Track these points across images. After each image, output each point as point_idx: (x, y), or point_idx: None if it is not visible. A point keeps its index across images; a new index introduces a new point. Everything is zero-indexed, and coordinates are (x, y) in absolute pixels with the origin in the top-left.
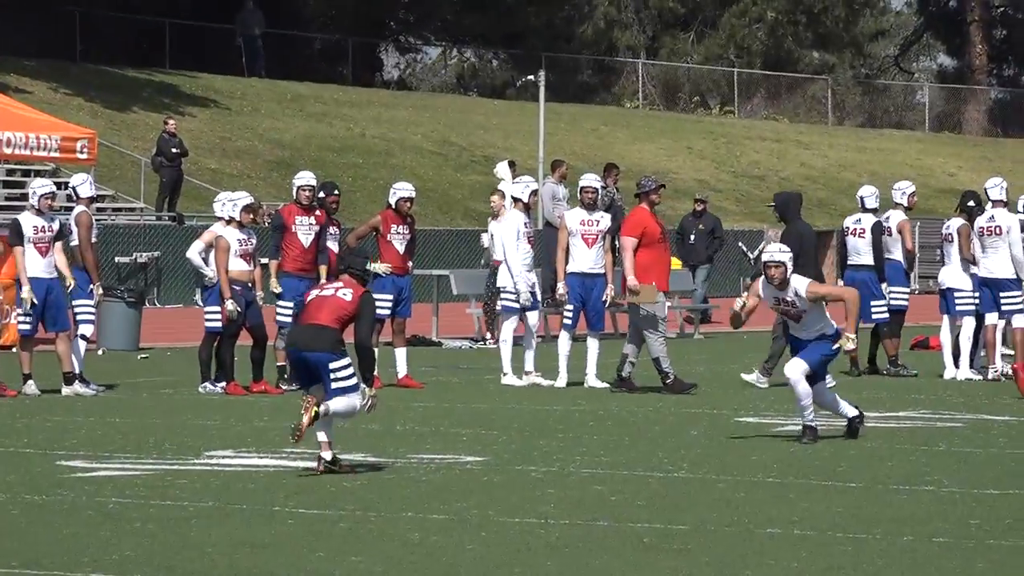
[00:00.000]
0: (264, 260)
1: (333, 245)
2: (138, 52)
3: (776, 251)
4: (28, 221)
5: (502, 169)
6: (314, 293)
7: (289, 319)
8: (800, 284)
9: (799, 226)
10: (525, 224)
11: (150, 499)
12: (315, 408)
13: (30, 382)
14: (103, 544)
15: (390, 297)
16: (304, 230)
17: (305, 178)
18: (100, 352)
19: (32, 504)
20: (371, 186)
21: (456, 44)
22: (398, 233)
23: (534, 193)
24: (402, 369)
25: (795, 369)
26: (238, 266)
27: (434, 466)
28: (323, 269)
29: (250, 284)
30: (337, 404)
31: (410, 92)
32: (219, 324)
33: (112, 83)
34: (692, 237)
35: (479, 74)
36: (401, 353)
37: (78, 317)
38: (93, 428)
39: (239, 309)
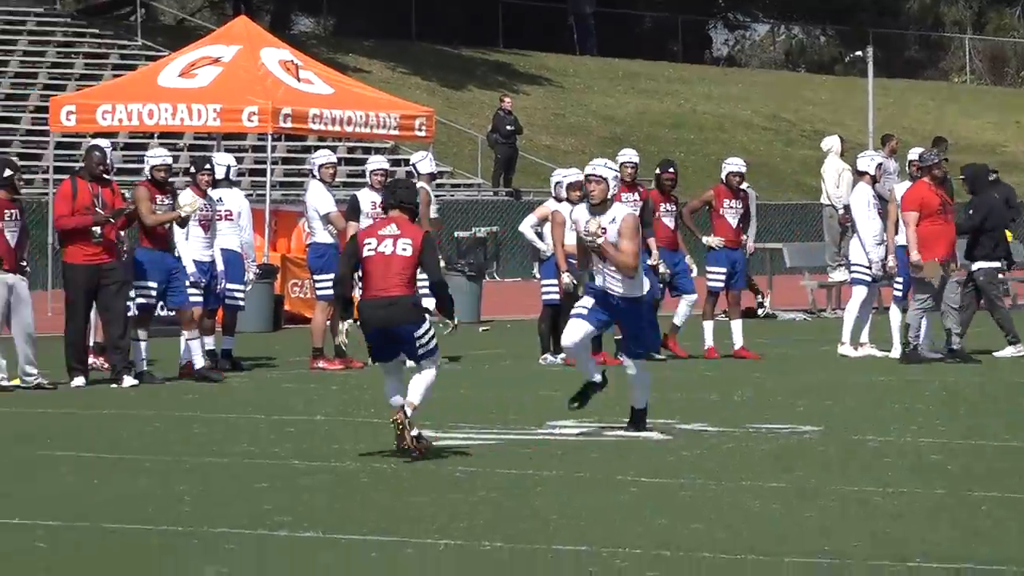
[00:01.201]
0: None
1: (669, 221)
2: (472, 31)
3: (600, 165)
4: (366, 197)
5: (830, 141)
6: (370, 246)
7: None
8: (620, 213)
9: (988, 198)
10: (874, 197)
11: (495, 468)
12: (405, 420)
13: None
14: (451, 512)
15: (723, 270)
16: (630, 207)
17: (628, 155)
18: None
19: (381, 472)
20: (703, 161)
21: (784, 21)
22: (731, 207)
23: (878, 167)
24: (738, 341)
25: (572, 335)
26: (572, 240)
27: (772, 435)
28: (652, 242)
29: None
30: (416, 395)
31: (739, 68)
32: (556, 297)
33: (447, 62)
34: None
35: (807, 50)
36: (737, 325)
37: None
38: (438, 399)
39: (575, 282)
